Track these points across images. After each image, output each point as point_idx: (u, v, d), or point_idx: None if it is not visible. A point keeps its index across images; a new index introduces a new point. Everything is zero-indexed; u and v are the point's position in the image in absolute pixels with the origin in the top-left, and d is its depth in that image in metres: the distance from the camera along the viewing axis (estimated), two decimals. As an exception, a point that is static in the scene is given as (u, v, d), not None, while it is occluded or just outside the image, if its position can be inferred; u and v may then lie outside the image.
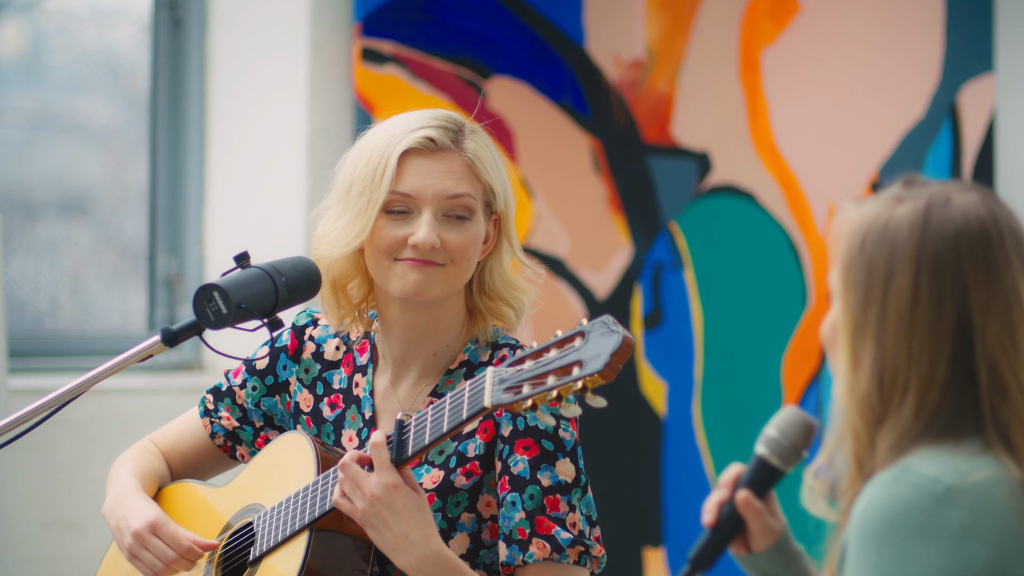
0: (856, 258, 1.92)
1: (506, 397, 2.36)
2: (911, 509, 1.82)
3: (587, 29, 4.76)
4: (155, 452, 2.91)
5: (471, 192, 2.67)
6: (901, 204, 1.92)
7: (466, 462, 2.66)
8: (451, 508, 2.66)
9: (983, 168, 4.24)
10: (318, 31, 4.67)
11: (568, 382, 2.31)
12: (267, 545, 2.66)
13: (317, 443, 2.68)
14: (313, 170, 4.67)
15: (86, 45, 4.93)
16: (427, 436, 2.49)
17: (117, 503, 2.78)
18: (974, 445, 1.87)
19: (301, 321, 2.85)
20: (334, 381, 2.80)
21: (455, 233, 2.66)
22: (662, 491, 4.73)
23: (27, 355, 4.63)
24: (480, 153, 2.69)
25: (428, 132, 2.68)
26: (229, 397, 2.87)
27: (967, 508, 1.81)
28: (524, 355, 2.39)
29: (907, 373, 1.88)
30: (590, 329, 2.34)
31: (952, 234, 1.89)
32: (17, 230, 4.76)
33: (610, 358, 2.29)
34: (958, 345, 1.88)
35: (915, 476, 1.83)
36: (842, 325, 1.92)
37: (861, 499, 1.85)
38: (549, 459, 2.62)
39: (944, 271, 1.88)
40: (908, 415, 1.87)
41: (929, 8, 4.31)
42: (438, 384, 2.72)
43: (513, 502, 2.62)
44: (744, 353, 4.63)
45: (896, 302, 1.88)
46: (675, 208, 4.73)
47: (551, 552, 2.61)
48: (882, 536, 1.82)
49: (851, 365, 1.90)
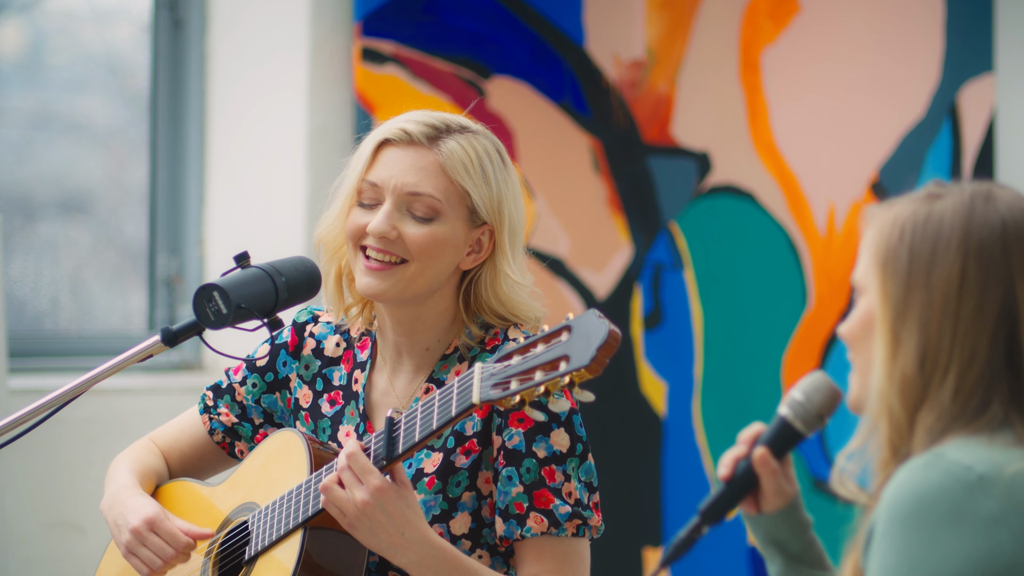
0: (895, 248, 1.94)
1: (494, 393, 2.37)
2: (942, 495, 1.82)
3: (587, 29, 4.76)
4: (154, 450, 2.91)
5: (434, 193, 2.65)
6: (940, 199, 1.95)
7: (464, 440, 2.67)
8: (452, 488, 2.67)
9: (983, 168, 4.24)
10: (318, 31, 4.67)
11: (555, 377, 2.31)
12: (262, 543, 2.67)
13: (310, 440, 2.68)
14: (313, 170, 4.67)
15: (86, 45, 4.93)
16: (417, 433, 2.50)
17: (115, 500, 2.79)
18: (1007, 437, 1.88)
19: (302, 318, 2.86)
20: (334, 378, 2.81)
21: (415, 228, 2.66)
22: (662, 491, 4.73)
23: (27, 355, 4.63)
24: (458, 156, 2.67)
25: (407, 125, 2.68)
26: (229, 394, 2.87)
27: (999, 498, 1.82)
28: (511, 350, 2.39)
29: (949, 355, 1.90)
30: (576, 323, 2.34)
31: (999, 224, 1.92)
32: (17, 230, 4.75)
33: (596, 352, 2.29)
34: (1000, 331, 1.90)
35: (948, 463, 1.84)
36: (881, 313, 1.93)
37: (892, 483, 1.86)
38: (544, 430, 2.63)
39: (991, 258, 1.91)
40: (947, 396, 1.89)
41: (929, 8, 4.31)
42: (434, 370, 2.73)
43: (509, 476, 2.63)
44: (744, 353, 4.63)
45: (942, 287, 1.91)
46: (675, 208, 4.73)
47: (548, 526, 2.62)
48: (911, 520, 1.83)
49: (891, 351, 1.92)
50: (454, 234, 2.67)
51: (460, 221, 2.68)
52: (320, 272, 2.75)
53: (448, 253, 2.67)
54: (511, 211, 2.70)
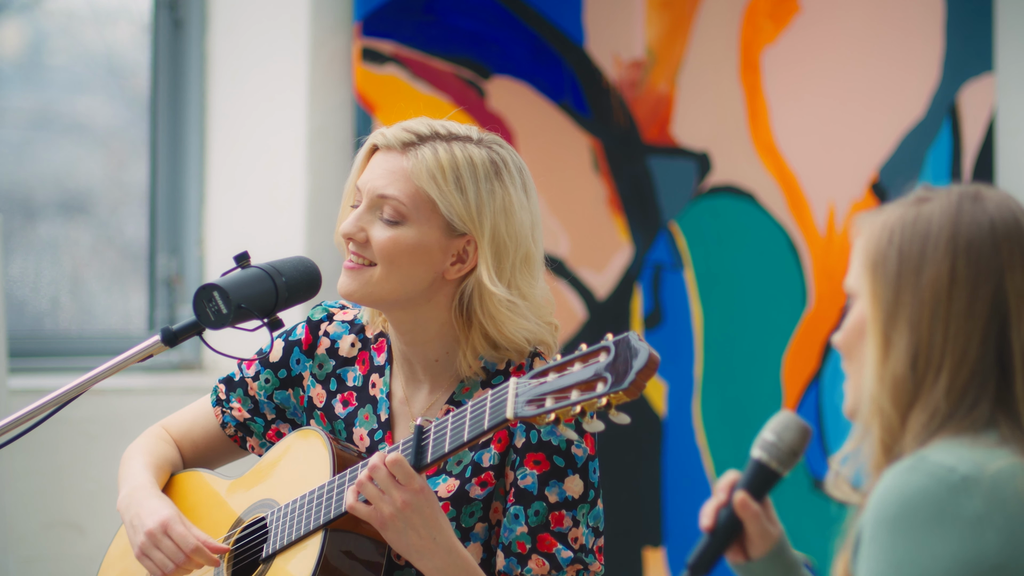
0: (885, 251, 1.94)
1: (528, 410, 2.35)
2: (926, 497, 1.83)
3: (587, 29, 4.76)
4: (167, 439, 2.91)
5: (400, 197, 2.64)
6: (927, 202, 1.95)
7: (481, 472, 2.65)
8: (465, 518, 2.66)
9: (983, 168, 4.23)
10: (318, 31, 4.67)
11: (592, 398, 2.29)
12: (280, 543, 2.66)
13: (333, 441, 2.67)
14: (313, 170, 4.67)
15: (86, 45, 4.93)
16: (447, 444, 2.48)
17: (132, 499, 2.78)
18: (992, 437, 1.88)
19: (316, 316, 2.84)
20: (348, 378, 2.80)
21: (381, 231, 2.65)
22: (662, 491, 4.73)
23: (27, 355, 4.63)
24: (427, 163, 2.64)
25: (388, 131, 2.69)
26: (241, 388, 2.86)
27: (982, 497, 1.83)
28: (547, 367, 2.36)
29: (941, 354, 1.90)
30: (616, 344, 2.31)
31: (987, 222, 1.92)
32: (17, 230, 4.75)
33: (636, 376, 2.27)
34: (990, 329, 1.90)
35: (931, 465, 1.84)
36: (872, 316, 1.93)
37: (877, 487, 1.86)
38: (558, 475, 2.61)
39: (981, 256, 1.91)
40: (940, 394, 1.89)
41: (929, 8, 4.31)
42: (454, 392, 2.71)
43: (516, 515, 2.62)
44: (744, 353, 4.63)
45: (932, 285, 1.91)
46: (675, 208, 4.73)
47: (549, 570, 2.61)
48: (897, 524, 1.83)
49: (882, 353, 1.92)
50: (422, 240, 2.64)
51: (433, 228, 2.65)
52: (320, 272, 2.75)
53: (418, 259, 2.65)
54: (497, 224, 2.65)
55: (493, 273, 2.64)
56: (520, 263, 2.67)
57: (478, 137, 2.69)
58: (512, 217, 2.66)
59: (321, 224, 4.64)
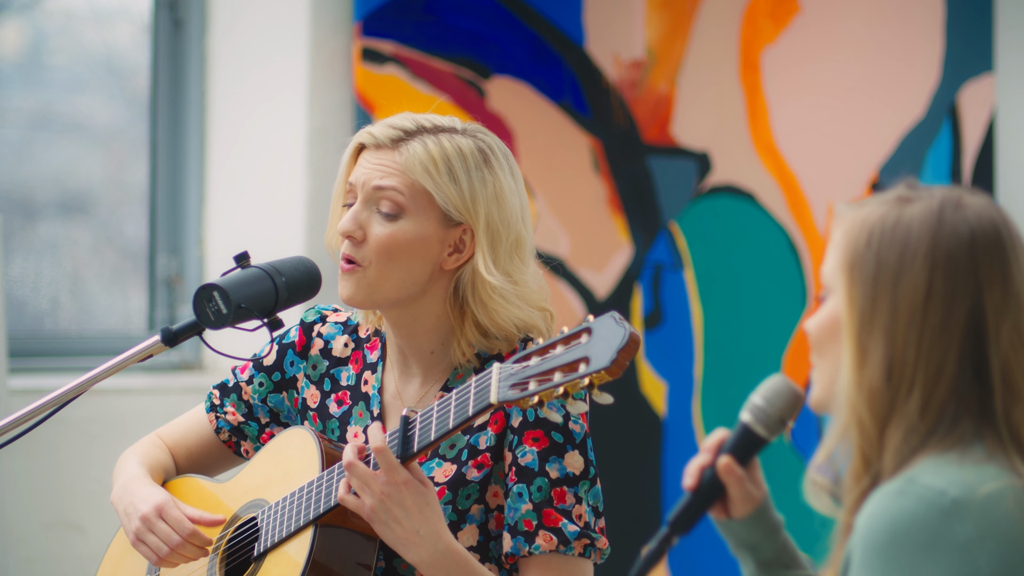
0: (863, 253, 1.91)
1: (512, 394, 2.36)
2: (917, 523, 1.81)
3: (587, 29, 4.76)
4: (161, 446, 2.91)
5: (397, 187, 2.66)
6: (910, 204, 1.92)
7: (477, 454, 2.67)
8: (461, 500, 2.66)
9: (983, 168, 4.24)
10: (318, 31, 4.67)
11: (575, 379, 2.31)
12: (272, 540, 2.67)
13: (321, 438, 2.68)
14: (313, 170, 4.67)
15: (86, 45, 4.93)
16: (432, 432, 2.49)
17: (125, 490, 2.79)
18: (978, 452, 1.86)
19: (309, 318, 2.86)
20: (342, 378, 2.81)
21: (380, 227, 2.66)
22: (662, 491, 4.73)
23: (27, 355, 4.64)
24: (419, 156, 2.66)
25: (375, 130, 2.70)
26: (235, 393, 2.87)
27: (974, 521, 1.81)
28: (530, 351, 2.38)
29: (914, 369, 1.87)
30: (596, 325, 2.33)
31: (967, 234, 1.89)
32: (17, 230, 4.76)
33: (616, 354, 2.28)
34: (967, 345, 1.88)
35: (921, 488, 1.82)
36: (847, 319, 1.91)
37: (866, 510, 1.84)
38: (558, 451, 2.63)
39: (959, 270, 1.88)
40: (914, 412, 1.87)
41: (929, 8, 4.31)
42: (448, 379, 2.72)
43: (520, 493, 2.62)
44: (744, 353, 4.63)
45: (908, 297, 1.88)
46: (675, 208, 4.73)
47: (557, 544, 2.62)
48: (888, 551, 1.81)
49: (858, 360, 1.90)
50: (421, 233, 2.66)
51: (430, 220, 2.67)
52: (320, 272, 2.75)
53: (417, 252, 2.67)
54: (490, 211, 2.67)
55: (489, 260, 2.67)
56: (512, 248, 2.70)
57: (462, 127, 2.72)
58: (504, 203, 2.69)
59: (321, 224, 4.64)
